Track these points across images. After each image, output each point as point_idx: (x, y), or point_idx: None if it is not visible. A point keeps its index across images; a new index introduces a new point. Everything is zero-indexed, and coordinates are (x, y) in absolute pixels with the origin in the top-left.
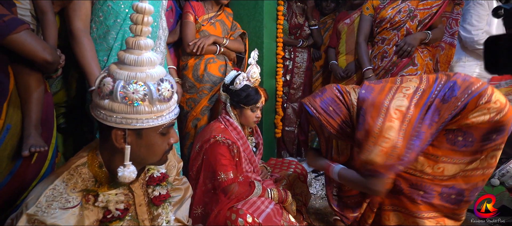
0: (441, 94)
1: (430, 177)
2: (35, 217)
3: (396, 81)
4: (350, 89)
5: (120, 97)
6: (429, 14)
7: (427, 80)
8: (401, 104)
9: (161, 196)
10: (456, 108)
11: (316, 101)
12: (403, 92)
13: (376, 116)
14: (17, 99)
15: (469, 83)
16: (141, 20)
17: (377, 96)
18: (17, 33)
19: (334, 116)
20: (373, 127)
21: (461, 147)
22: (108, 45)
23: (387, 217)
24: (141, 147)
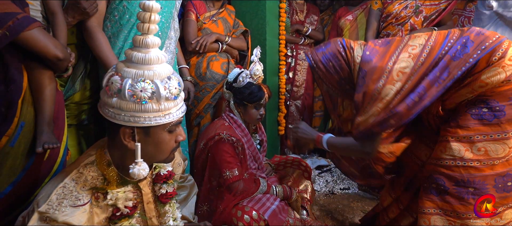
0: (452, 50)
1: (476, 165)
2: (47, 215)
3: (403, 40)
4: (356, 44)
5: (128, 95)
6: (437, 10)
7: (437, 35)
8: (406, 66)
9: (168, 194)
10: (466, 64)
11: (318, 54)
12: (409, 52)
13: (377, 79)
14: (30, 97)
15: (483, 37)
16: (148, 18)
17: (381, 59)
18: (30, 30)
19: (333, 72)
20: (372, 90)
21: (492, 119)
22: (120, 44)
23: (427, 221)
24: (149, 145)
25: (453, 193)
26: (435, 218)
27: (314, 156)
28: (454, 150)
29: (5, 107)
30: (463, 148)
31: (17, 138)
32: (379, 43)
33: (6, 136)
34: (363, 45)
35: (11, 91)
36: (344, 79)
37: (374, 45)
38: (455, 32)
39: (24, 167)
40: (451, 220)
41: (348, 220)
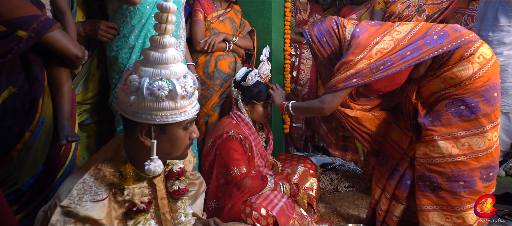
0: (428, 39)
1: (463, 159)
2: (69, 209)
3: (393, 25)
4: (349, 23)
5: (146, 94)
6: (439, 9)
7: (422, 26)
8: (386, 47)
9: (180, 190)
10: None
11: (314, 30)
12: (393, 36)
13: (357, 53)
14: (49, 93)
15: (460, 34)
16: (166, 19)
17: (367, 37)
18: (52, 32)
19: (326, 47)
20: (349, 60)
21: (470, 115)
22: (131, 43)
23: (426, 218)
24: (165, 142)
25: (446, 189)
26: (433, 214)
27: (318, 155)
28: (442, 148)
29: (29, 104)
30: (450, 145)
31: (38, 133)
32: (372, 23)
33: (29, 132)
34: (355, 24)
35: (35, 89)
36: (334, 54)
37: (366, 24)
38: (438, 25)
39: (43, 161)
40: (447, 214)
41: (353, 217)
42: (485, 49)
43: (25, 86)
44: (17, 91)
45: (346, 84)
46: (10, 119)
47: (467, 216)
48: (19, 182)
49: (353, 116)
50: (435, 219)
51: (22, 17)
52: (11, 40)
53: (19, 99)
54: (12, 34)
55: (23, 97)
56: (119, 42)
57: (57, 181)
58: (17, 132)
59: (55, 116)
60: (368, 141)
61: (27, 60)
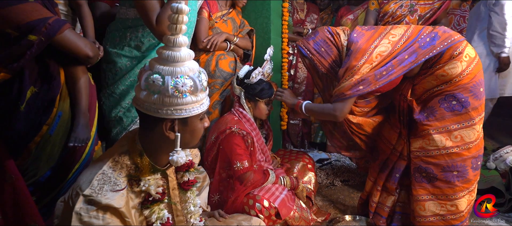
0: (422, 41)
1: (456, 151)
2: (91, 198)
3: (387, 28)
4: (340, 30)
5: (171, 91)
6: (431, 9)
7: (414, 28)
8: (384, 50)
9: (189, 182)
10: (430, 53)
11: (309, 43)
12: (389, 39)
13: (359, 58)
14: (65, 88)
15: (449, 35)
16: (181, 20)
17: (365, 42)
18: (61, 33)
19: (326, 56)
20: (353, 66)
21: (461, 109)
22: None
23: (423, 207)
24: (187, 134)
25: (441, 178)
26: (429, 204)
27: (314, 151)
28: (437, 141)
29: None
30: (444, 138)
31: (55, 126)
32: (366, 28)
33: (47, 125)
34: (346, 30)
35: (53, 87)
36: (335, 61)
37: (361, 29)
38: (428, 28)
39: (60, 154)
40: (442, 203)
41: (349, 209)
42: (470, 49)
43: (44, 85)
44: (38, 90)
45: (354, 92)
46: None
47: (460, 203)
48: (37, 174)
49: (355, 122)
50: (431, 208)
51: (31, 22)
52: (24, 45)
53: (40, 98)
54: (24, 38)
55: (43, 95)
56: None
57: (73, 174)
58: (35, 126)
59: (72, 110)
60: (365, 141)
61: (43, 60)
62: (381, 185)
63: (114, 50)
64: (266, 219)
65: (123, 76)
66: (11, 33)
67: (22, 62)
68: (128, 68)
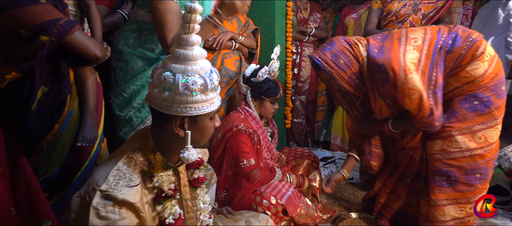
0: (445, 44)
1: (480, 152)
2: (107, 193)
3: (401, 33)
4: (357, 40)
5: (181, 89)
6: (435, 8)
7: (431, 30)
8: (414, 57)
9: (200, 179)
10: (459, 56)
11: (326, 54)
12: (412, 44)
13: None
14: (74, 89)
15: (468, 32)
16: (193, 19)
17: (391, 52)
18: (72, 34)
19: (345, 69)
20: (399, 79)
21: (484, 109)
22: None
23: (442, 212)
24: (196, 132)
25: (464, 182)
26: (449, 208)
27: (318, 149)
28: (460, 142)
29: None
30: (467, 139)
31: (66, 125)
32: (379, 38)
33: (58, 124)
34: (362, 41)
35: (64, 87)
36: (354, 74)
37: (377, 42)
38: (444, 28)
39: (70, 151)
40: (462, 206)
41: (353, 207)
42: (489, 47)
43: (55, 85)
44: (49, 90)
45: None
46: (44, 116)
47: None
48: (49, 171)
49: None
50: (450, 212)
51: (43, 23)
52: (35, 45)
53: (51, 97)
54: (35, 39)
55: (54, 95)
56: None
57: (82, 171)
58: (47, 124)
59: (80, 110)
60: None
61: (53, 61)
62: (390, 188)
63: (127, 50)
64: (273, 215)
65: (134, 76)
66: (23, 34)
67: (33, 62)
68: (140, 69)
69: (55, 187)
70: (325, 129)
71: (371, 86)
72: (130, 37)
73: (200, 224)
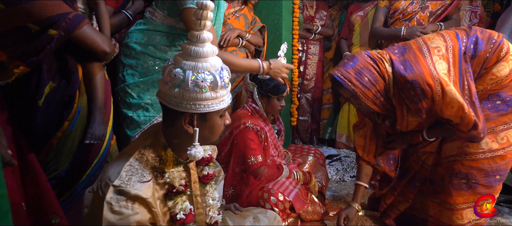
0: (468, 49)
1: (501, 153)
2: (120, 188)
3: (419, 43)
4: (381, 55)
5: (191, 86)
6: (442, 5)
7: (449, 36)
8: (443, 67)
9: (209, 175)
10: (485, 60)
11: (349, 71)
12: (437, 54)
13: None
14: (83, 85)
15: (488, 34)
16: (205, 16)
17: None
18: (80, 29)
19: (370, 87)
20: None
21: (507, 109)
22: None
23: (461, 216)
24: (205, 129)
25: (484, 184)
26: (467, 212)
27: (323, 147)
28: (482, 143)
29: (68, 97)
30: (489, 140)
31: (75, 122)
32: (396, 52)
33: (68, 121)
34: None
35: (72, 83)
36: (379, 91)
37: (397, 56)
38: (462, 32)
39: (80, 148)
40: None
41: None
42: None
43: (63, 81)
44: (57, 86)
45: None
46: (52, 112)
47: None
48: (59, 168)
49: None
50: (468, 216)
51: (52, 17)
52: (44, 39)
53: (59, 93)
54: (44, 33)
55: (62, 91)
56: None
57: (92, 168)
58: (57, 121)
59: (89, 107)
60: None
61: (61, 56)
62: (398, 191)
63: (139, 48)
64: (280, 212)
65: (144, 75)
66: (32, 28)
67: (41, 56)
68: (150, 68)
69: (64, 184)
70: (330, 127)
71: (399, 103)
72: (143, 36)
73: (209, 220)
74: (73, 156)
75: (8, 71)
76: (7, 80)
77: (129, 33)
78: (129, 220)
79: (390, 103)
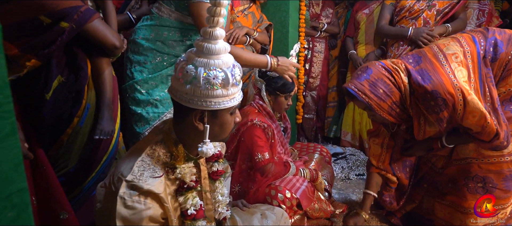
0: (488, 52)
1: None
2: (133, 183)
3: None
4: (396, 65)
5: (202, 83)
6: (450, 4)
7: (466, 40)
8: (464, 75)
9: (218, 172)
10: (508, 62)
11: (364, 84)
12: (455, 61)
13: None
14: (91, 81)
15: (508, 35)
16: (218, 13)
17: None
18: (91, 22)
19: (385, 98)
20: (456, 104)
21: None
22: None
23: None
24: (216, 126)
25: (501, 188)
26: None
27: (328, 145)
28: None
29: (76, 93)
30: None
31: (84, 118)
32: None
33: (77, 117)
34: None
35: (81, 78)
36: (395, 103)
37: (412, 66)
38: (478, 35)
39: (89, 145)
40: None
41: None
42: None
43: (71, 75)
44: (65, 80)
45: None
46: (60, 106)
47: (509, 208)
48: (69, 165)
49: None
50: (483, 220)
51: (64, 9)
52: (55, 32)
53: (67, 88)
54: (56, 25)
55: (70, 85)
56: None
57: (101, 165)
58: (66, 118)
59: (97, 103)
60: None
61: (71, 50)
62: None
63: (147, 44)
64: (287, 209)
65: (153, 71)
66: (43, 21)
67: (53, 49)
68: (159, 64)
69: (73, 181)
70: (335, 125)
71: (416, 114)
72: (150, 31)
73: (218, 216)
74: (82, 153)
75: (20, 65)
76: (19, 74)
77: (136, 30)
78: (142, 215)
79: (406, 113)
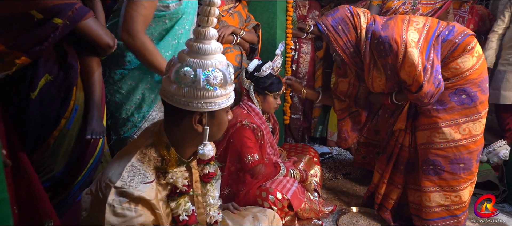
0: (442, 34)
1: (464, 143)
2: (123, 190)
3: (405, 17)
4: (361, 12)
5: (202, 84)
6: (433, 8)
7: (432, 20)
8: (415, 37)
9: (210, 174)
10: (453, 45)
11: (328, 19)
12: (414, 26)
13: (400, 44)
14: (80, 82)
15: (464, 28)
16: (212, 12)
17: (395, 30)
18: (86, 20)
19: (342, 35)
20: (399, 52)
21: (470, 103)
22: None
23: (428, 199)
24: (214, 126)
25: (448, 171)
26: (434, 195)
27: (315, 145)
28: (446, 134)
29: (64, 92)
30: (453, 130)
31: (72, 120)
32: (384, 18)
33: (64, 119)
34: (366, 13)
35: (70, 77)
36: (350, 42)
37: (382, 20)
38: (443, 22)
39: (76, 148)
40: (447, 194)
41: (353, 201)
42: (478, 46)
43: (60, 74)
44: (53, 78)
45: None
46: (46, 106)
47: (463, 194)
48: (54, 169)
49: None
50: (436, 199)
51: (58, 5)
52: (48, 28)
53: (55, 87)
54: (48, 21)
55: (59, 84)
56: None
57: (87, 169)
58: (53, 119)
59: (86, 104)
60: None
61: (61, 49)
62: (388, 178)
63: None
64: (279, 210)
65: (131, 70)
66: (34, 15)
67: (45, 46)
68: (137, 61)
69: (59, 186)
70: (321, 126)
71: (368, 58)
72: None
73: (209, 220)
74: (69, 157)
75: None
76: (7, 72)
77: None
78: (133, 222)
79: (359, 56)
